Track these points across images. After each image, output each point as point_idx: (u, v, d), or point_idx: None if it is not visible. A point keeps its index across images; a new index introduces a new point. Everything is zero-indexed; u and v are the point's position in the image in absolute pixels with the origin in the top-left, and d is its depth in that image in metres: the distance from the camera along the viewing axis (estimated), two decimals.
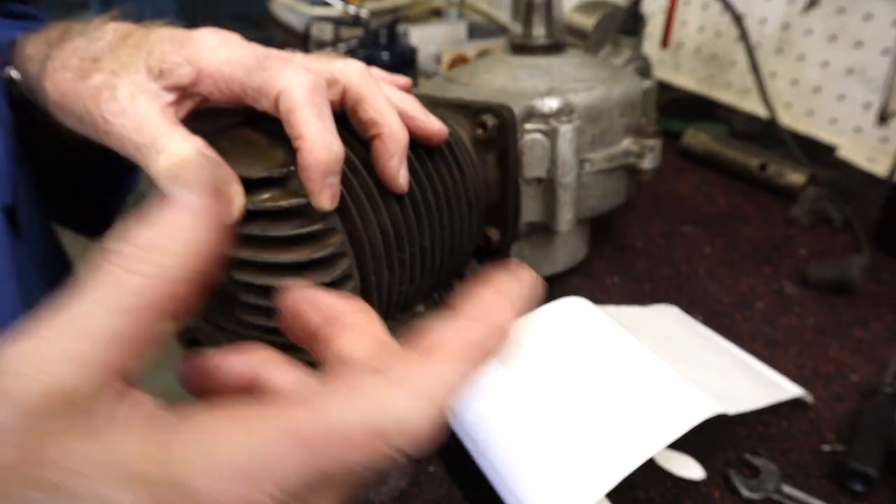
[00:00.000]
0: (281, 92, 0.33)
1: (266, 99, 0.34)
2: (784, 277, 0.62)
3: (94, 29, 0.37)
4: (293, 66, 0.34)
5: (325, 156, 0.33)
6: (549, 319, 0.43)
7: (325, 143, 0.33)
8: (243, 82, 0.34)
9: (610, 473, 0.34)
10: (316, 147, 0.32)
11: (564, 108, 0.52)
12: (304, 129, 0.32)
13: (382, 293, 0.39)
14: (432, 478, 0.43)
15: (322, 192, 0.33)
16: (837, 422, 0.47)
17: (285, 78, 0.33)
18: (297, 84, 0.33)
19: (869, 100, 0.78)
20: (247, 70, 0.34)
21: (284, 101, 0.33)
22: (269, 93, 0.33)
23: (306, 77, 0.33)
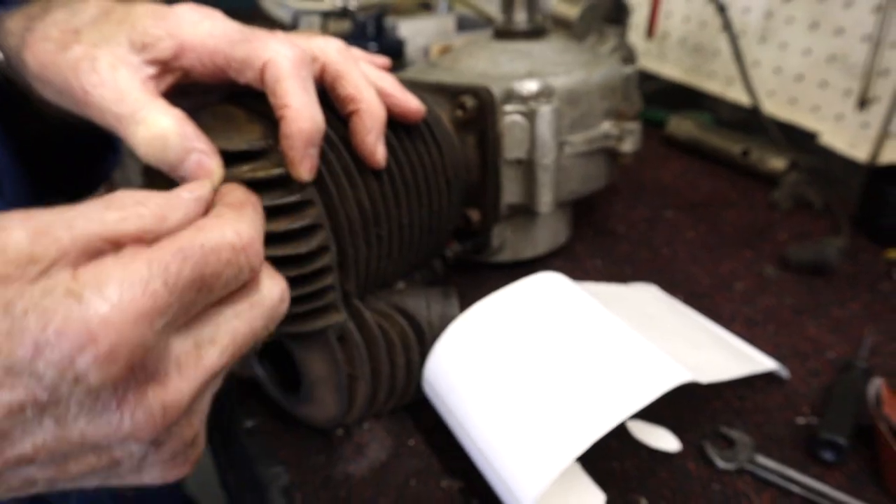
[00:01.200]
0: (267, 62, 0.34)
1: (251, 70, 0.34)
2: (764, 260, 0.63)
3: (77, 2, 0.37)
4: (278, 39, 0.35)
5: (309, 126, 0.34)
6: (525, 293, 0.44)
7: (310, 114, 0.34)
8: (227, 54, 0.35)
9: (582, 439, 0.35)
10: (301, 116, 0.33)
11: (544, 91, 0.53)
12: (289, 98, 0.33)
13: (360, 267, 0.40)
14: (412, 451, 0.44)
15: (302, 161, 0.34)
16: (812, 396, 0.47)
17: (271, 49, 0.34)
18: (283, 55, 0.34)
19: (850, 86, 0.79)
20: (231, 42, 0.35)
21: (270, 72, 0.34)
22: (254, 63, 0.34)
23: (292, 49, 0.34)
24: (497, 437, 0.37)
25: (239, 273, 0.26)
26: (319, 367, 0.40)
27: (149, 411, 0.23)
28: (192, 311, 0.24)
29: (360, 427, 0.45)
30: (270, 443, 0.44)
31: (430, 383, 0.42)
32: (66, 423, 0.22)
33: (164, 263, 0.23)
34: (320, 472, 0.42)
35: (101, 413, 0.22)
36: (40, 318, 0.21)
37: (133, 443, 0.23)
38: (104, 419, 0.23)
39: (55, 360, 0.21)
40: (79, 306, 0.21)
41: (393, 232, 0.42)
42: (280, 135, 0.34)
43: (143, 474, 0.25)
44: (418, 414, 0.46)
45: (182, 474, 0.27)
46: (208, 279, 0.24)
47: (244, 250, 0.26)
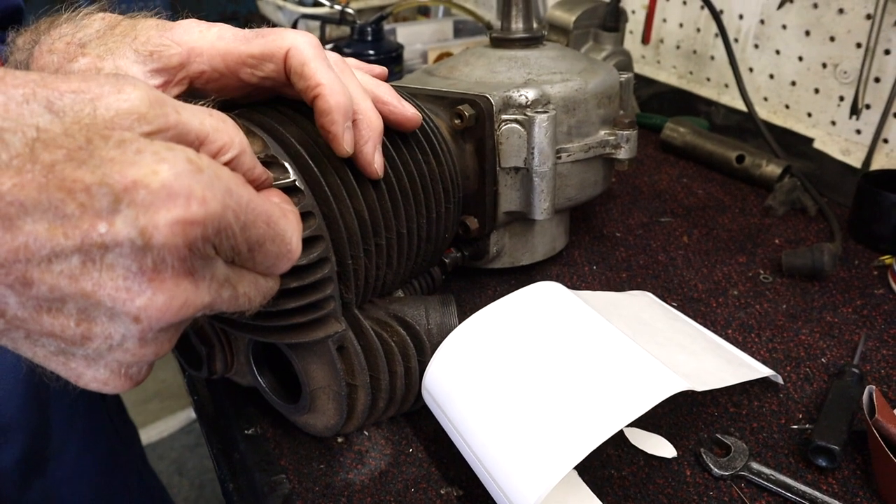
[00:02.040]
0: (290, 48, 0.35)
1: (271, 61, 0.36)
2: (759, 265, 0.64)
3: (83, 17, 0.38)
4: (290, 30, 0.36)
5: (345, 100, 0.35)
6: (523, 302, 0.44)
7: (341, 88, 0.35)
8: (242, 52, 0.36)
9: (578, 448, 0.35)
10: (335, 91, 0.35)
11: (541, 99, 0.53)
12: (319, 77, 0.35)
13: (360, 277, 0.40)
14: (411, 458, 0.44)
15: (344, 134, 0.36)
16: (806, 402, 0.48)
17: (290, 38, 0.36)
18: (302, 41, 0.35)
19: (843, 93, 0.79)
20: (245, 40, 0.36)
21: (295, 56, 0.35)
22: (275, 53, 0.35)
23: (308, 36, 0.36)
24: (495, 445, 0.38)
25: (272, 261, 0.29)
26: (319, 377, 0.40)
27: (170, 299, 0.24)
28: (239, 251, 0.27)
29: (360, 435, 0.46)
30: (271, 451, 0.45)
31: (429, 392, 0.42)
32: (90, 267, 0.23)
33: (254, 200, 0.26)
34: (320, 480, 0.43)
35: (131, 277, 0.23)
36: (155, 157, 0.23)
37: (129, 322, 0.24)
38: (128, 283, 0.23)
39: (141, 201, 0.22)
40: (191, 172, 0.23)
41: (392, 241, 0.42)
42: (317, 113, 0.35)
43: (95, 369, 0.26)
44: (418, 422, 0.46)
45: (122, 389, 0.28)
46: (258, 239, 0.27)
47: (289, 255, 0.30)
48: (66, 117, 0.23)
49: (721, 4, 0.90)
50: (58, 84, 0.23)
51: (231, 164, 0.28)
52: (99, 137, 0.23)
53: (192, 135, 0.26)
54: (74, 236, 0.22)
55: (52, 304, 0.23)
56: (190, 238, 0.23)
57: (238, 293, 0.28)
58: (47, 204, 0.21)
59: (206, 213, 0.23)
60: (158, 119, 0.24)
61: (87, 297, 0.23)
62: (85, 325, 0.24)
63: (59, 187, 0.21)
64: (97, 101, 0.23)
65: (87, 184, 0.22)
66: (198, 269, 0.25)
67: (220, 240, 0.25)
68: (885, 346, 0.53)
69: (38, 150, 0.22)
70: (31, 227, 0.21)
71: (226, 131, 0.27)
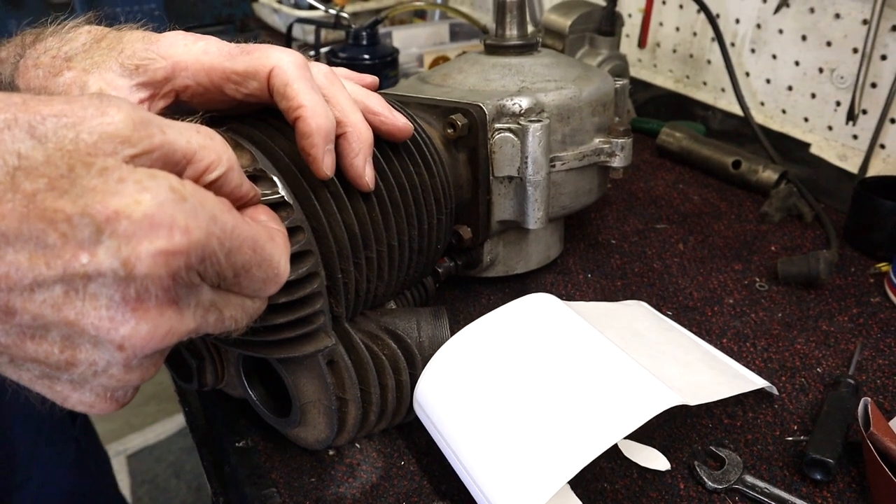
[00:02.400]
0: (274, 68, 0.35)
1: (255, 80, 0.35)
2: (754, 273, 0.64)
3: (68, 30, 0.38)
4: (276, 48, 0.36)
5: (325, 122, 0.35)
6: (515, 314, 0.44)
7: (323, 111, 0.35)
8: (226, 68, 0.36)
9: (570, 464, 0.35)
10: (316, 114, 0.34)
11: (534, 107, 0.53)
12: (301, 98, 0.34)
13: (350, 290, 0.40)
14: (403, 471, 0.44)
15: (324, 158, 0.35)
16: (801, 413, 0.48)
17: (275, 56, 0.35)
18: (287, 60, 0.35)
19: (840, 98, 0.79)
20: (230, 56, 0.36)
21: (278, 76, 0.35)
22: (258, 72, 0.35)
23: (293, 55, 0.35)
24: (487, 460, 0.37)
25: (258, 285, 0.29)
26: (309, 391, 0.40)
27: (154, 328, 0.24)
28: (224, 277, 0.27)
29: (351, 447, 0.45)
30: (261, 463, 0.44)
31: (420, 405, 0.42)
32: (73, 296, 0.23)
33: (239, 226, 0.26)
34: (312, 493, 0.42)
35: (114, 306, 0.23)
36: (138, 186, 0.22)
37: (113, 350, 0.24)
38: (111, 313, 0.23)
39: (123, 232, 0.22)
40: (174, 201, 0.23)
41: (383, 254, 0.42)
42: (298, 136, 0.35)
43: (81, 392, 0.26)
44: (410, 435, 0.46)
45: (108, 411, 0.27)
46: (244, 265, 0.27)
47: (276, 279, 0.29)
48: (49, 143, 0.22)
49: (717, 8, 0.90)
50: (40, 108, 0.23)
51: (218, 181, 0.28)
52: (81, 165, 0.22)
53: (178, 154, 0.25)
54: (56, 266, 0.22)
55: (35, 332, 0.23)
56: (173, 268, 0.23)
57: (224, 316, 0.28)
58: (28, 234, 0.21)
59: (189, 243, 0.23)
60: (143, 141, 0.24)
61: (70, 325, 0.23)
62: (69, 351, 0.24)
63: (41, 217, 0.21)
64: (80, 125, 0.23)
65: (69, 214, 0.21)
66: (182, 297, 0.25)
67: (204, 267, 0.25)
68: (881, 355, 0.53)
69: (20, 178, 0.21)
70: (13, 256, 0.21)
71: (213, 149, 0.27)
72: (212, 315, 0.27)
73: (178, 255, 0.23)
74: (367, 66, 0.95)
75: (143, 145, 0.24)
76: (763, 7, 0.85)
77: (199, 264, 0.25)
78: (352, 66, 0.94)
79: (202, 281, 0.26)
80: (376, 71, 0.93)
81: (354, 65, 0.95)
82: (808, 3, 0.79)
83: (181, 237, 0.23)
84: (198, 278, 0.25)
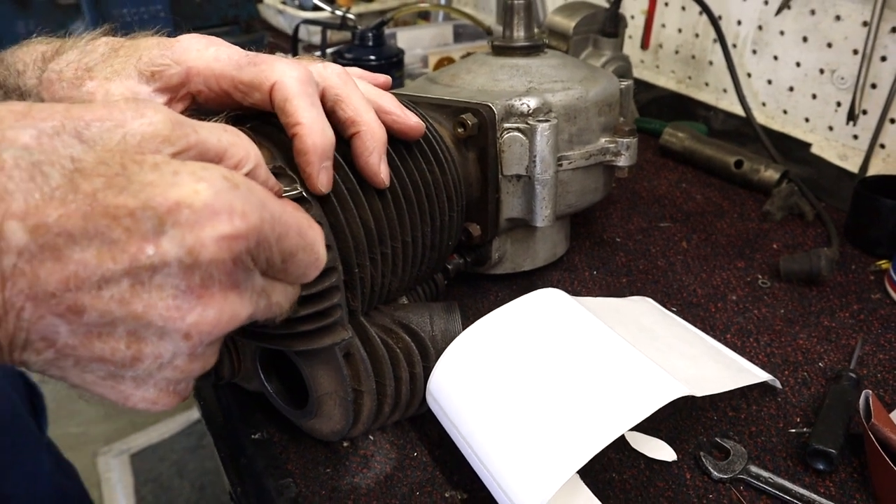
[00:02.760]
0: (276, 83, 0.35)
1: (259, 91, 0.36)
2: (757, 270, 0.65)
3: (87, 43, 0.39)
4: (283, 61, 0.36)
5: (322, 140, 0.35)
6: (525, 309, 0.45)
7: (321, 129, 0.35)
8: (234, 77, 0.36)
9: (580, 453, 0.36)
10: (313, 132, 0.35)
11: (542, 108, 0.54)
12: (300, 115, 0.35)
13: (366, 285, 0.41)
14: (416, 462, 0.45)
15: (319, 174, 0.35)
16: (804, 406, 0.49)
17: (278, 70, 0.35)
18: (290, 76, 0.35)
19: (840, 99, 0.80)
20: (237, 66, 0.36)
21: (279, 91, 0.35)
22: (262, 84, 0.36)
23: (298, 70, 0.36)
24: (499, 449, 0.38)
25: (302, 270, 0.30)
26: (326, 383, 0.41)
27: (220, 313, 0.25)
28: (273, 262, 0.28)
29: (365, 439, 0.46)
30: (277, 455, 0.45)
31: (433, 397, 0.43)
32: (140, 289, 0.23)
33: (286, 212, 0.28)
34: (327, 483, 0.43)
35: (180, 295, 0.24)
36: (194, 177, 0.23)
37: (179, 340, 0.25)
38: (177, 302, 0.24)
39: (186, 221, 0.23)
40: (229, 189, 0.24)
41: (397, 250, 0.43)
42: (295, 152, 0.35)
43: (144, 389, 0.27)
44: (422, 426, 0.47)
45: (170, 405, 0.28)
46: (291, 249, 0.28)
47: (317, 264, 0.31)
48: (97, 146, 0.23)
49: (719, 10, 0.91)
50: (83, 114, 0.24)
51: (248, 177, 0.29)
52: (132, 163, 0.23)
53: (211, 152, 0.27)
54: (123, 260, 0.22)
55: (102, 329, 0.24)
56: (235, 252, 0.24)
57: (272, 302, 0.29)
58: (94, 231, 0.22)
59: (248, 227, 0.25)
60: (181, 140, 0.25)
61: (137, 318, 0.24)
62: (135, 346, 0.24)
63: (104, 214, 0.22)
64: (122, 127, 0.24)
65: (131, 208, 0.22)
66: (241, 282, 0.26)
67: (258, 252, 0.26)
68: (882, 350, 0.54)
69: (78, 179, 0.22)
70: (80, 255, 0.22)
71: (241, 146, 0.28)
72: (262, 300, 0.28)
73: (240, 238, 0.24)
74: (372, 67, 0.96)
75: (180, 144, 0.25)
76: (764, 9, 0.86)
77: (256, 248, 0.26)
78: (357, 66, 0.95)
79: (255, 266, 0.27)
80: (382, 71, 0.94)
81: (360, 66, 0.95)
82: (809, 4, 0.80)
83: (240, 222, 0.24)
84: (252, 263, 0.26)
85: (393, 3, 1.36)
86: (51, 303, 0.22)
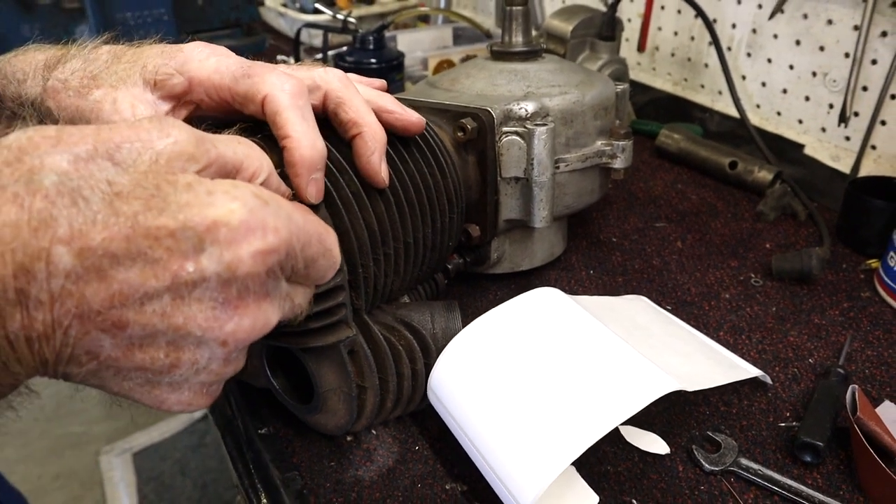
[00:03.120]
0: (266, 96, 0.36)
1: (252, 104, 0.37)
2: (749, 269, 0.66)
3: (90, 51, 0.40)
4: (276, 73, 0.37)
5: (310, 153, 0.36)
6: (523, 307, 0.46)
7: (310, 142, 0.36)
8: (231, 89, 0.38)
9: (575, 446, 0.37)
10: (301, 145, 0.36)
11: (540, 112, 0.56)
12: (289, 129, 0.36)
13: (369, 284, 0.42)
14: (417, 455, 0.46)
15: (308, 186, 0.36)
16: (794, 401, 0.50)
17: (269, 83, 0.36)
18: (280, 88, 0.36)
19: (832, 101, 0.82)
20: (234, 78, 0.38)
21: (270, 105, 0.36)
22: (255, 97, 0.37)
23: (289, 82, 0.37)
24: (498, 442, 0.40)
25: (321, 273, 0.32)
26: (331, 379, 0.42)
27: (253, 320, 0.27)
28: (297, 269, 0.30)
29: (368, 434, 0.48)
30: (283, 449, 0.47)
31: (434, 392, 0.45)
32: (180, 303, 0.25)
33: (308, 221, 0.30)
34: (331, 476, 0.45)
35: (218, 307, 0.26)
36: (229, 197, 0.25)
37: (216, 347, 0.27)
38: (216, 313, 0.26)
39: (224, 239, 0.25)
40: (259, 207, 0.26)
41: (399, 250, 0.44)
42: (285, 164, 0.36)
43: (179, 392, 0.28)
44: (423, 422, 0.49)
45: (203, 406, 0.30)
46: (313, 256, 0.30)
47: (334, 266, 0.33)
48: (130, 168, 0.25)
49: (714, 14, 0.93)
50: (111, 136, 0.25)
51: (263, 185, 0.30)
52: (166, 183, 0.25)
53: (229, 165, 0.28)
54: (165, 278, 0.24)
55: (143, 341, 0.25)
56: (269, 265, 0.26)
57: (294, 304, 0.31)
58: (136, 252, 0.24)
59: (279, 241, 0.26)
60: (203, 156, 0.27)
61: (177, 330, 0.25)
62: (174, 354, 0.26)
63: (146, 235, 0.24)
64: (150, 147, 0.26)
65: (172, 229, 0.24)
66: (271, 290, 0.28)
67: (286, 262, 0.28)
68: (870, 346, 0.55)
69: (117, 203, 0.24)
70: (124, 274, 0.23)
71: (255, 157, 0.30)
72: (287, 304, 0.30)
73: (273, 253, 0.26)
74: (373, 70, 0.98)
75: (203, 160, 0.27)
76: (759, 13, 0.88)
77: (285, 259, 0.27)
78: (359, 69, 0.96)
79: (282, 274, 0.29)
80: (383, 74, 0.96)
81: (361, 68, 0.97)
82: (802, 9, 0.82)
83: (273, 237, 0.26)
84: (280, 272, 0.28)
85: (392, 6, 1.38)
86: (96, 320, 0.24)
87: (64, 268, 0.23)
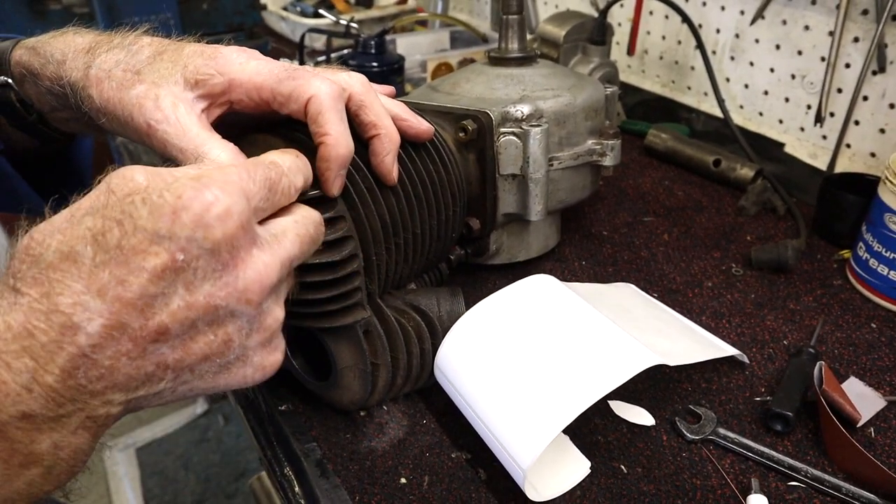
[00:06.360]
0: (311, 97, 0.40)
1: (295, 104, 0.41)
2: (731, 260, 0.71)
3: (132, 42, 0.43)
4: (319, 77, 0.41)
5: (344, 151, 0.40)
6: (520, 292, 0.51)
7: (345, 141, 0.40)
8: (274, 89, 0.41)
9: (567, 413, 0.42)
10: (339, 143, 0.40)
11: (535, 114, 0.60)
12: (329, 128, 0.40)
13: (381, 271, 0.47)
14: (425, 428, 0.51)
15: (335, 181, 0.41)
16: (768, 378, 0.55)
17: (314, 86, 0.40)
18: (324, 92, 0.40)
19: (810, 102, 0.87)
20: (278, 79, 0.41)
21: (314, 105, 0.40)
22: (299, 98, 0.40)
23: (331, 86, 0.41)
24: (499, 413, 0.44)
25: (289, 186, 0.36)
26: (348, 356, 0.47)
27: (256, 269, 0.31)
28: (265, 207, 0.34)
29: (379, 409, 0.52)
30: (302, 423, 0.51)
31: (440, 370, 0.49)
32: (194, 287, 0.30)
33: (246, 168, 0.33)
34: (347, 447, 0.49)
35: (221, 273, 0.30)
36: (173, 193, 0.29)
37: (243, 306, 0.31)
38: (223, 280, 0.30)
39: (188, 220, 0.29)
40: (200, 185, 0.30)
41: (408, 240, 0.49)
42: (318, 157, 0.40)
43: (250, 361, 0.33)
44: (430, 398, 0.53)
45: (276, 362, 0.35)
46: (272, 182, 0.34)
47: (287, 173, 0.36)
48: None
49: (699, 19, 0.97)
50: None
51: None
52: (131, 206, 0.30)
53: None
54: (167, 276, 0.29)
55: (189, 332, 0.30)
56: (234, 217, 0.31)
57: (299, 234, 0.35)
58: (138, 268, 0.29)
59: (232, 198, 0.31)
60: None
61: (206, 309, 0.30)
62: (220, 331, 0.31)
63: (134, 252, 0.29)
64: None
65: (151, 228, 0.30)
66: (256, 237, 0.32)
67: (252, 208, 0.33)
68: (840, 329, 0.60)
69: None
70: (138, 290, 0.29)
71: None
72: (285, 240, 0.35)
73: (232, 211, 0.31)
74: (375, 73, 1.01)
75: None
76: (741, 18, 0.92)
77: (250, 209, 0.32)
78: (360, 72, 1.00)
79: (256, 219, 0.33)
80: (384, 77, 1.00)
81: (363, 72, 1.00)
82: (781, 15, 0.87)
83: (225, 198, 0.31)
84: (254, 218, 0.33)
85: (391, 10, 1.42)
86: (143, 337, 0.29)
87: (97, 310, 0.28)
